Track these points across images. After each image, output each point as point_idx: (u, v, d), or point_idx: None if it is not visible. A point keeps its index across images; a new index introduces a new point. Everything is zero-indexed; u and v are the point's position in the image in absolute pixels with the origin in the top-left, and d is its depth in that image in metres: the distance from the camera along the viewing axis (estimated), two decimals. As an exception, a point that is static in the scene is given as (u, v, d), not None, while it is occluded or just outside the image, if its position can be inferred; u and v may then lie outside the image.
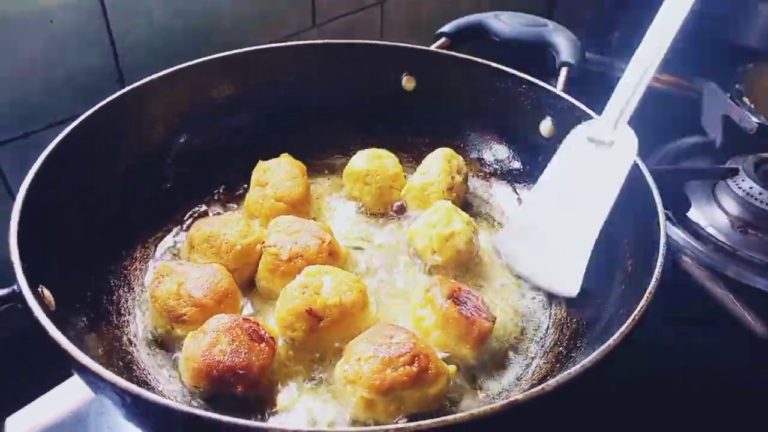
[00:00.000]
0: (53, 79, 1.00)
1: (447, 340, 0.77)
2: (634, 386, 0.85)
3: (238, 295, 0.84)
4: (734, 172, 1.23)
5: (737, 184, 1.24)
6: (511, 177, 1.08)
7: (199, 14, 1.13)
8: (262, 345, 0.73)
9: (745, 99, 1.37)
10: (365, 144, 1.07)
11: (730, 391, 0.91)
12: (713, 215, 1.24)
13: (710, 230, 1.20)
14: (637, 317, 0.60)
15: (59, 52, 1.00)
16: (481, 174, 1.10)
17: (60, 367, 0.86)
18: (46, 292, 0.66)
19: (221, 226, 0.88)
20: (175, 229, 0.97)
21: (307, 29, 1.33)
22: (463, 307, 0.78)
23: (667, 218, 1.21)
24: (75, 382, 0.86)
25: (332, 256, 0.87)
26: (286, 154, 1.03)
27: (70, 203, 0.81)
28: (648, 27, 0.87)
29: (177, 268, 0.82)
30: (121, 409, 0.57)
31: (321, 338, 0.78)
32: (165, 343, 0.80)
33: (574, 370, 0.54)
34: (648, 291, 0.64)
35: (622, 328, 0.59)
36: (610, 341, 0.57)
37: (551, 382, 0.53)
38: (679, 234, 1.19)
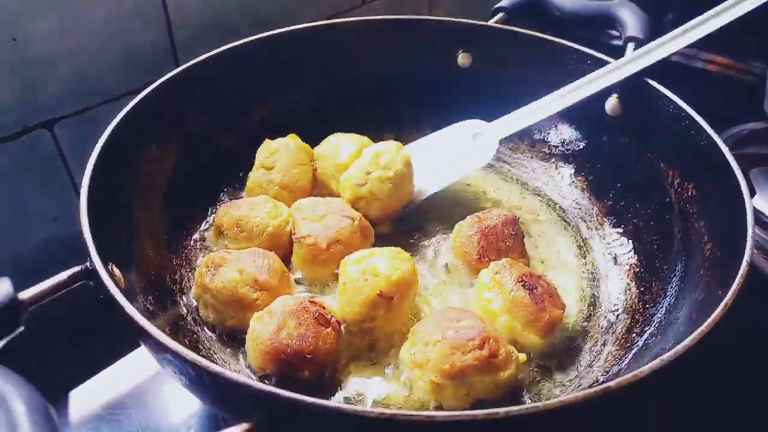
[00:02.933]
0: (110, 54, 1.00)
1: (514, 325, 0.75)
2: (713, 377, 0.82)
3: (290, 274, 0.83)
4: (802, 159, 1.17)
5: (805, 170, 1.18)
6: (573, 158, 1.04)
7: (251, -10, 1.12)
8: (329, 329, 0.72)
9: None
10: (416, 124, 1.05)
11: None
12: (778, 203, 1.18)
13: (776, 219, 1.15)
14: (729, 302, 0.57)
15: (116, 27, 0.99)
16: (543, 155, 1.07)
17: (120, 344, 0.89)
18: (116, 270, 0.65)
19: (249, 209, 0.86)
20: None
21: (357, 6, 1.30)
22: (533, 293, 0.75)
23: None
24: (135, 357, 0.88)
25: (364, 233, 0.85)
26: (293, 135, 0.99)
27: (131, 182, 0.81)
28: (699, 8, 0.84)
29: (227, 256, 0.79)
30: (189, 385, 0.57)
31: (393, 319, 0.76)
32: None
33: (666, 356, 0.52)
34: (739, 275, 0.60)
35: (715, 314, 0.56)
36: (703, 327, 0.54)
37: (644, 368, 0.51)
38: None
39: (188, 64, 0.93)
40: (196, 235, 0.91)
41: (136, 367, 0.87)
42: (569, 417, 0.49)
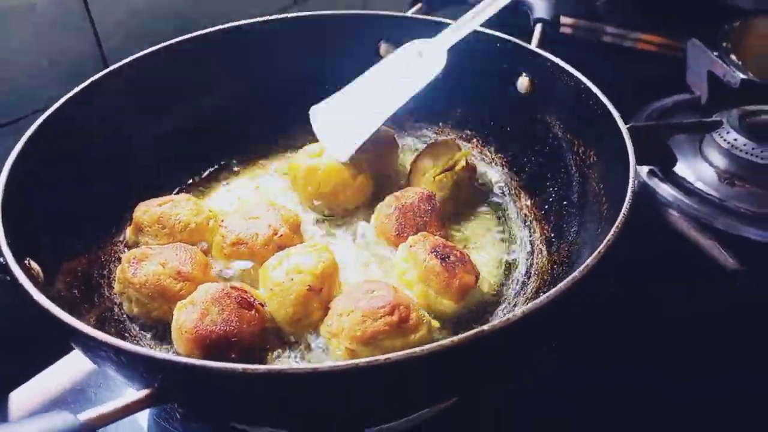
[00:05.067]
0: (39, 67, 1.03)
1: (428, 292, 0.79)
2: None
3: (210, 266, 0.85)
4: (717, 125, 1.23)
5: (722, 137, 1.24)
6: (493, 138, 1.09)
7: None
8: (252, 312, 0.75)
9: (733, 57, 1.37)
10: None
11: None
12: (700, 170, 1.24)
13: (698, 184, 1.21)
14: (603, 250, 0.62)
15: (43, 40, 1.02)
16: (466, 135, 1.12)
17: (59, 342, 0.90)
18: (34, 265, 0.68)
19: (171, 207, 0.88)
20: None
21: (289, 6, 1.34)
22: (446, 261, 0.79)
23: (654, 174, 1.23)
24: (74, 356, 0.90)
25: (281, 248, 0.84)
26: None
27: (55, 180, 0.82)
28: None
29: (150, 251, 0.82)
30: (117, 370, 0.59)
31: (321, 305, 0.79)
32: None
33: (540, 300, 0.56)
34: (615, 225, 0.65)
35: (588, 261, 0.60)
36: (576, 273, 0.59)
37: (517, 312, 0.55)
38: (666, 189, 1.19)
39: (106, 70, 0.94)
40: (126, 229, 0.93)
41: (74, 366, 0.88)
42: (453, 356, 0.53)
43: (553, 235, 0.91)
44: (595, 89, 0.87)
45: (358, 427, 0.70)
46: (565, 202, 0.92)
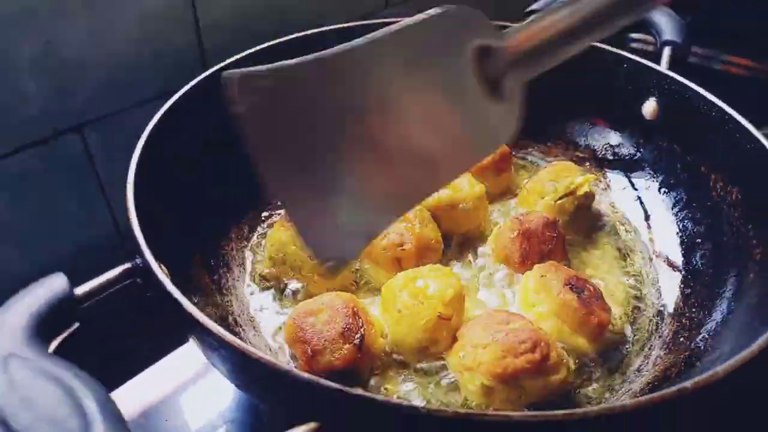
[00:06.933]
0: (141, 57, 1.00)
1: (562, 329, 0.74)
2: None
3: None
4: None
5: None
6: (608, 163, 1.03)
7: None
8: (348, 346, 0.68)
9: None
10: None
11: None
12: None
13: None
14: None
15: (148, 32, 0.99)
16: (577, 158, 1.05)
17: (161, 342, 0.87)
18: (163, 268, 0.64)
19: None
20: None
21: (383, 8, 1.30)
22: (581, 296, 0.74)
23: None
24: (175, 356, 0.86)
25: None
26: None
27: (167, 186, 0.80)
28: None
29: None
30: (235, 376, 0.55)
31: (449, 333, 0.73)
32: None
33: (740, 357, 0.50)
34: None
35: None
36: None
37: (719, 368, 0.49)
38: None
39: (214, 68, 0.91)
40: (232, 235, 0.89)
41: (176, 369, 0.85)
42: (645, 417, 0.48)
43: (686, 273, 0.85)
44: (742, 120, 0.81)
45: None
46: (699, 240, 0.86)
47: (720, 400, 0.54)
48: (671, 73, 0.92)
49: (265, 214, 0.94)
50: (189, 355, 0.85)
